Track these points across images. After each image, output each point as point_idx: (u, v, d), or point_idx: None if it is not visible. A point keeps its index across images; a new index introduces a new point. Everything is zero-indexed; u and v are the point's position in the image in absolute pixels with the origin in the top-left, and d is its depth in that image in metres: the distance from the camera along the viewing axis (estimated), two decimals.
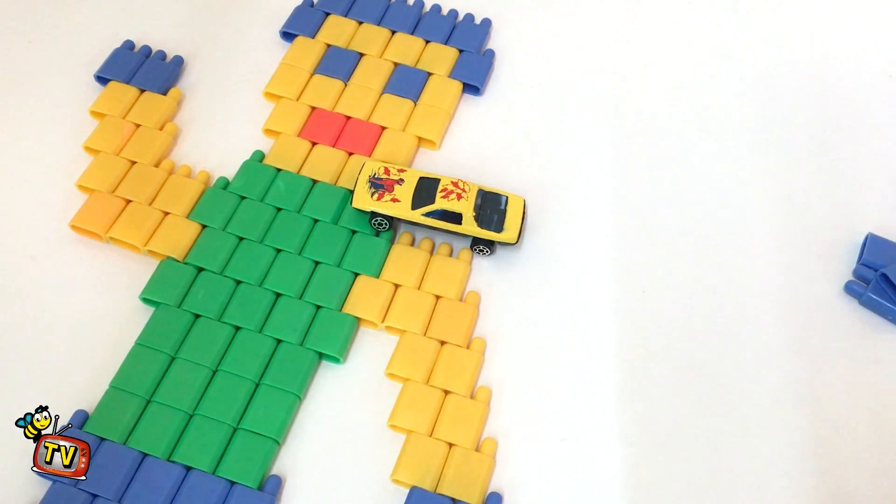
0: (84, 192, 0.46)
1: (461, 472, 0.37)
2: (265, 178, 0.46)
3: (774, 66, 0.54)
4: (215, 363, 0.40)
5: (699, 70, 0.54)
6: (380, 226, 0.44)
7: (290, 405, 0.39)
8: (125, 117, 0.48)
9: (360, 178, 0.44)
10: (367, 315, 0.42)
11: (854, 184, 0.49)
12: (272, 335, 0.41)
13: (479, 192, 0.44)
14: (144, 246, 0.43)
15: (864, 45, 0.55)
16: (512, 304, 0.43)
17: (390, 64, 0.52)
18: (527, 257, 0.45)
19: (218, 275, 0.43)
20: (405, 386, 0.40)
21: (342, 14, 0.54)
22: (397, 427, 0.39)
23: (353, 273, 0.43)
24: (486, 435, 0.39)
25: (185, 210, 0.45)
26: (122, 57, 0.51)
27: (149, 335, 0.41)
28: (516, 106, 0.52)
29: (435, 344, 0.41)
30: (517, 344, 0.42)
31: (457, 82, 0.51)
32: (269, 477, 0.37)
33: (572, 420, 0.40)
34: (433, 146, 0.49)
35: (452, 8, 0.56)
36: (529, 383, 0.41)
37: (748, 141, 0.50)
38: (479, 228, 0.43)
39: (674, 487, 0.38)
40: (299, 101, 0.50)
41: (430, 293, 0.43)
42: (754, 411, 0.40)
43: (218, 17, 0.55)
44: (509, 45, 0.55)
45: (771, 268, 0.45)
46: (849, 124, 0.51)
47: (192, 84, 0.52)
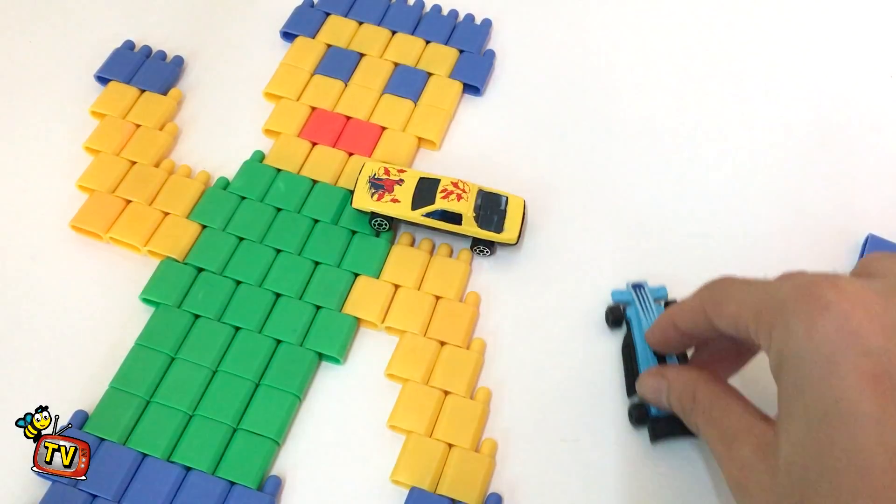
0: (84, 192, 0.46)
1: (461, 472, 0.37)
2: (265, 179, 0.46)
3: (775, 67, 0.54)
4: (215, 363, 0.40)
5: (699, 70, 0.54)
6: (380, 226, 0.44)
7: (290, 405, 0.39)
8: (125, 117, 0.48)
9: (360, 179, 0.44)
10: (367, 315, 0.42)
11: (854, 184, 0.49)
12: (272, 335, 0.41)
13: (479, 193, 0.44)
14: (144, 246, 0.43)
15: (864, 46, 0.55)
16: (512, 304, 0.43)
17: (390, 64, 0.52)
18: (527, 257, 0.45)
19: (218, 275, 0.43)
20: (405, 386, 0.40)
21: (342, 14, 0.54)
22: (397, 427, 0.39)
23: (353, 273, 0.43)
24: (486, 435, 0.39)
25: (185, 210, 0.45)
26: (123, 57, 0.51)
27: (149, 335, 0.41)
28: (516, 106, 0.52)
29: (435, 344, 0.41)
30: (517, 344, 0.42)
31: (457, 82, 0.51)
32: (268, 477, 0.38)
33: (572, 420, 0.40)
34: (433, 146, 0.49)
35: (453, 8, 0.56)
36: (529, 383, 0.41)
37: (748, 141, 0.50)
38: (479, 229, 0.43)
39: (674, 487, 0.38)
40: (299, 101, 0.50)
41: (430, 294, 0.43)
42: None
43: (218, 18, 0.55)
44: (509, 45, 0.55)
45: (771, 268, 0.45)
46: (849, 124, 0.51)
47: (193, 84, 0.52)
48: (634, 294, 0.41)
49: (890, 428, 0.26)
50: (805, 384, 0.28)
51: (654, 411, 0.38)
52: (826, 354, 0.27)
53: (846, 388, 0.26)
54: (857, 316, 0.27)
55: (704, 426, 0.34)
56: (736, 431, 0.32)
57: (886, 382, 0.26)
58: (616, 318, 0.42)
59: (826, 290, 0.28)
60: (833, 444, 0.26)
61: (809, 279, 0.29)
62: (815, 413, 0.27)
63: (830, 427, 0.26)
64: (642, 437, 0.39)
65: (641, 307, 0.41)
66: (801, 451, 0.27)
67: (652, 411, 0.38)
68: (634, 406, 0.39)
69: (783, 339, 0.29)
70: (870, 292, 0.28)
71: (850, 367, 0.27)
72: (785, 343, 0.29)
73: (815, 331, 0.28)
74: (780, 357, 0.29)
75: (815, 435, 0.27)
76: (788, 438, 0.28)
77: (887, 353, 0.27)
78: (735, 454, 0.31)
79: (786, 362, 0.29)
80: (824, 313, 0.28)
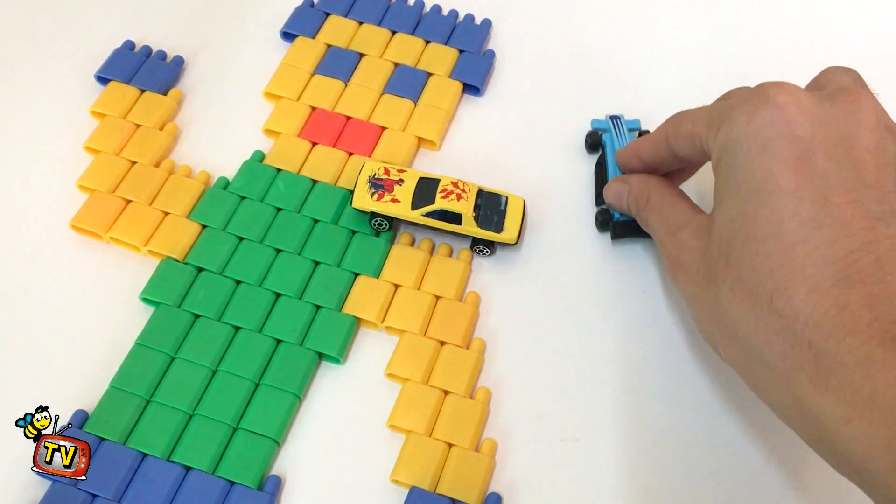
0: (84, 192, 0.46)
1: (461, 472, 0.37)
2: (265, 179, 0.46)
3: (775, 67, 0.54)
4: (215, 363, 0.40)
5: (699, 70, 0.54)
6: (380, 226, 0.45)
7: (290, 405, 0.39)
8: (125, 117, 0.48)
9: (360, 179, 0.44)
10: (367, 315, 0.42)
11: None
12: (272, 335, 0.41)
13: (478, 193, 0.44)
14: (144, 246, 0.43)
15: (864, 46, 0.55)
16: (512, 304, 0.44)
17: (390, 64, 0.52)
18: (527, 257, 0.45)
19: (218, 275, 0.43)
20: (405, 386, 0.40)
21: (342, 14, 0.54)
22: (397, 427, 0.39)
23: (352, 273, 0.43)
24: (486, 435, 0.39)
25: (185, 210, 0.45)
26: (123, 57, 0.51)
27: (149, 335, 0.41)
28: (516, 106, 0.52)
29: (435, 344, 0.41)
30: (517, 344, 0.42)
31: (457, 83, 0.51)
32: (268, 477, 0.38)
33: (572, 420, 0.40)
34: (433, 146, 0.49)
35: (453, 8, 0.56)
36: (529, 383, 0.41)
37: None
38: (478, 229, 0.43)
39: (674, 488, 0.38)
40: (299, 101, 0.50)
41: (430, 293, 0.43)
42: (755, 411, 0.40)
43: (218, 18, 0.55)
44: (509, 45, 0.55)
45: None
46: None
47: (193, 84, 0.52)
48: (611, 123, 0.47)
49: (804, 201, 0.30)
50: (739, 166, 0.32)
51: (617, 216, 0.44)
52: (761, 139, 0.32)
53: (773, 168, 0.31)
54: (791, 109, 0.32)
55: (654, 221, 0.39)
56: (679, 222, 0.37)
57: (806, 164, 0.31)
58: (594, 142, 0.48)
59: (769, 88, 0.33)
60: (756, 215, 0.31)
61: (758, 85, 0.34)
62: (745, 190, 0.32)
63: (757, 201, 0.31)
64: (642, 437, 0.39)
65: (616, 134, 0.46)
66: (730, 223, 0.32)
67: (615, 216, 0.44)
68: (600, 212, 0.45)
69: (726, 132, 0.33)
70: (807, 93, 0.33)
71: (778, 150, 0.31)
72: (727, 134, 0.33)
73: (754, 120, 0.32)
74: (721, 148, 0.34)
75: (742, 209, 0.32)
76: (720, 216, 0.33)
77: (812, 141, 0.31)
78: (675, 239, 0.37)
79: (725, 150, 0.33)
80: (765, 105, 0.32)
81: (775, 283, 0.30)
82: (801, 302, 0.29)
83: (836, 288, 0.28)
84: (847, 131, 0.31)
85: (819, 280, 0.29)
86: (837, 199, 0.30)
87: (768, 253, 0.30)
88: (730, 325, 0.32)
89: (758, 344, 0.30)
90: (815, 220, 0.30)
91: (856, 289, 0.28)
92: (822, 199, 0.30)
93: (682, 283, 0.36)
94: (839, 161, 0.31)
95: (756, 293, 0.30)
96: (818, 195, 0.30)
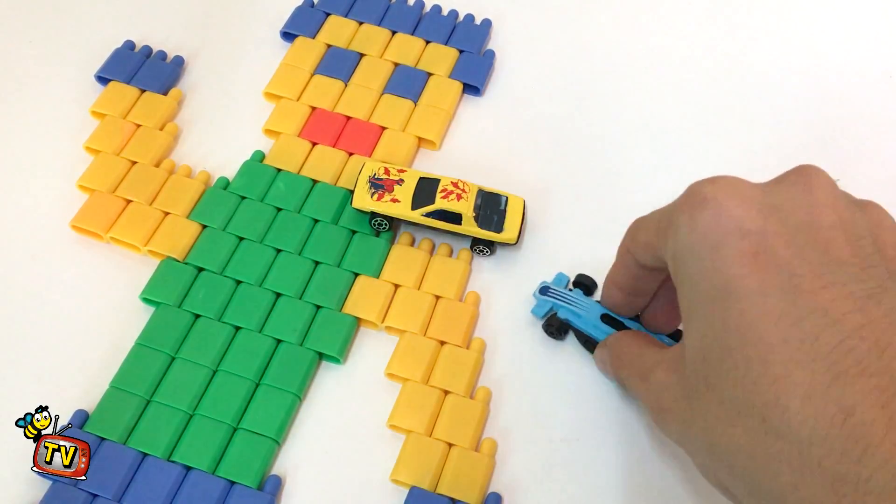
0: (84, 192, 0.46)
1: (461, 472, 0.37)
2: (265, 179, 0.46)
3: (775, 67, 0.54)
4: (215, 363, 0.40)
5: (700, 70, 0.54)
6: (380, 226, 0.45)
7: (290, 405, 0.39)
8: (126, 117, 0.48)
9: (360, 179, 0.44)
10: (367, 315, 0.42)
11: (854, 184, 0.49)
12: (272, 335, 0.41)
13: (478, 193, 0.44)
14: (145, 246, 0.43)
15: (864, 45, 0.55)
16: (512, 304, 0.43)
17: (390, 64, 0.52)
18: (527, 257, 0.45)
19: (218, 275, 0.43)
20: (405, 386, 0.40)
21: (342, 14, 0.54)
22: (397, 427, 0.39)
23: (352, 273, 0.43)
24: (486, 435, 0.39)
25: (185, 210, 0.45)
26: (123, 57, 0.51)
27: (149, 335, 0.41)
28: (516, 106, 0.52)
29: (435, 344, 0.41)
30: (517, 344, 0.42)
31: (457, 83, 0.51)
32: (268, 477, 0.38)
33: (572, 420, 0.40)
34: (433, 146, 0.49)
35: (453, 8, 0.56)
36: (529, 383, 0.41)
37: (749, 141, 0.50)
38: (478, 229, 0.43)
39: (674, 488, 0.38)
40: (299, 101, 0.50)
41: (430, 293, 0.43)
42: None
43: (218, 18, 0.55)
44: (509, 45, 0.55)
45: None
46: (849, 124, 0.51)
47: (193, 84, 0.52)
48: (551, 299, 0.42)
49: (772, 297, 0.26)
50: (696, 276, 0.29)
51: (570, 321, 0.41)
52: (709, 243, 0.28)
53: (731, 270, 0.27)
54: (733, 203, 0.29)
55: (626, 375, 0.36)
56: (649, 364, 0.34)
57: (765, 257, 0.27)
58: (559, 326, 0.42)
59: (703, 186, 0.30)
60: (726, 324, 0.27)
61: (693, 184, 0.31)
62: (707, 300, 0.28)
63: (722, 309, 0.27)
64: (642, 437, 0.39)
65: (563, 302, 0.42)
66: (700, 341, 0.29)
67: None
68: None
69: (673, 241, 0.30)
70: (749, 183, 0.30)
71: (731, 251, 0.28)
72: (675, 244, 0.30)
73: (696, 224, 0.29)
74: (673, 258, 0.31)
75: (709, 321, 0.28)
76: (689, 335, 0.30)
77: (764, 232, 0.28)
78: (650, 383, 0.33)
79: (679, 262, 0.30)
80: (704, 206, 0.29)
81: (762, 396, 0.25)
82: (797, 414, 0.25)
83: (835, 388, 0.24)
84: (805, 215, 0.28)
85: (811, 383, 0.25)
86: (810, 286, 0.26)
87: (747, 363, 0.26)
88: (727, 458, 0.27)
89: (760, 476, 0.26)
90: (791, 315, 0.26)
91: (858, 384, 0.24)
92: (793, 289, 0.26)
93: (669, 426, 0.32)
94: (801, 245, 0.27)
95: (744, 412, 0.26)
96: (787, 286, 0.26)
